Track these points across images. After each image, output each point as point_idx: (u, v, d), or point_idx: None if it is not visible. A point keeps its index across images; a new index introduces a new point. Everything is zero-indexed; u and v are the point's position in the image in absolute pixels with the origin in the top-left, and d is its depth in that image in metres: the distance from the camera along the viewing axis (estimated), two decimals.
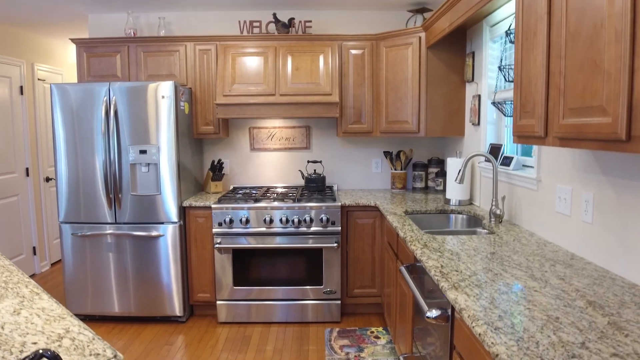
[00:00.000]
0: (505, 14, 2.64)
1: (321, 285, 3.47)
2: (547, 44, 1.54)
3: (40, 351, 0.92)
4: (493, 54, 2.95)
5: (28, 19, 4.09)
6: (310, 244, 3.41)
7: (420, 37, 3.38)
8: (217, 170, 3.90)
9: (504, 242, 2.17)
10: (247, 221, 3.39)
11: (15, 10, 3.81)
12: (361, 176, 4.15)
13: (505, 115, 2.74)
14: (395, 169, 3.97)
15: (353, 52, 3.65)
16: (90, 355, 1.11)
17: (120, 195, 3.40)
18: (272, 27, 3.88)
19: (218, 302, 3.50)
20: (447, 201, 3.25)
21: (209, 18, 3.98)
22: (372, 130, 3.73)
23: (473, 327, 1.29)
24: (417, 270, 2.16)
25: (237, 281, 3.47)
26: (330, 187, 4.06)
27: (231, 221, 3.39)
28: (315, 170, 4.08)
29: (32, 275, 4.71)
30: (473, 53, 3.18)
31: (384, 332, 3.34)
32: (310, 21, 3.81)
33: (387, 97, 3.61)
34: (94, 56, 3.68)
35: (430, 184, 4.00)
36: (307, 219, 3.38)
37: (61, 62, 5.26)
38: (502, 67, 2.56)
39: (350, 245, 3.53)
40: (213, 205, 3.41)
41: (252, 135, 4.08)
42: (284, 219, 3.38)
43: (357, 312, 3.69)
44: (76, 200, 3.42)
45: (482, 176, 3.07)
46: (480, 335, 1.23)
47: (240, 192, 3.83)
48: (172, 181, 3.37)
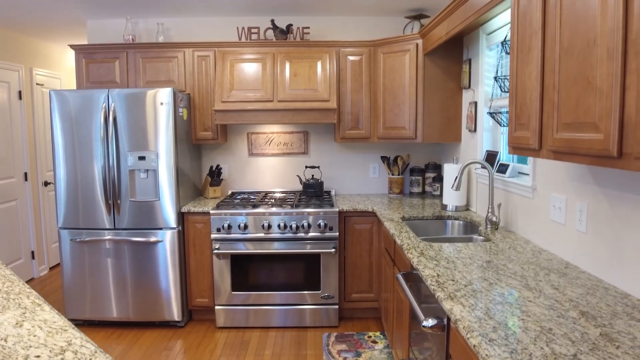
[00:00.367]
0: (501, 23, 2.67)
1: (319, 290, 3.49)
2: (542, 59, 1.57)
3: None
4: (489, 61, 2.98)
5: (26, 23, 4.10)
6: (308, 249, 3.43)
7: (417, 44, 3.41)
8: (216, 175, 3.92)
9: (500, 250, 2.19)
10: (246, 227, 3.41)
11: (13, 15, 3.83)
12: (359, 181, 4.18)
13: (501, 125, 2.77)
14: (392, 174, 3.99)
15: (351, 58, 3.68)
16: None
17: (119, 201, 3.41)
18: (270, 34, 3.91)
19: (216, 307, 3.52)
20: (444, 207, 3.27)
21: (207, 24, 4.00)
22: (369, 136, 3.75)
23: (468, 338, 1.31)
24: (413, 277, 2.19)
25: (235, 286, 3.48)
26: (328, 192, 4.08)
27: (230, 227, 3.41)
28: (313, 175, 4.11)
29: (31, 280, 4.72)
30: (470, 60, 3.21)
31: (382, 336, 3.36)
32: (308, 27, 3.84)
33: (385, 103, 3.64)
34: (92, 62, 3.70)
35: (428, 188, 4.03)
36: (305, 224, 3.40)
37: (59, 66, 5.28)
38: (497, 77, 2.59)
39: (348, 251, 3.55)
40: (211, 211, 3.43)
41: (251, 140, 4.10)
42: (282, 224, 3.40)
43: (354, 317, 3.72)
44: (75, 206, 3.44)
45: (479, 182, 3.10)
46: (475, 347, 1.26)
47: (239, 197, 3.86)
48: (171, 187, 3.39)
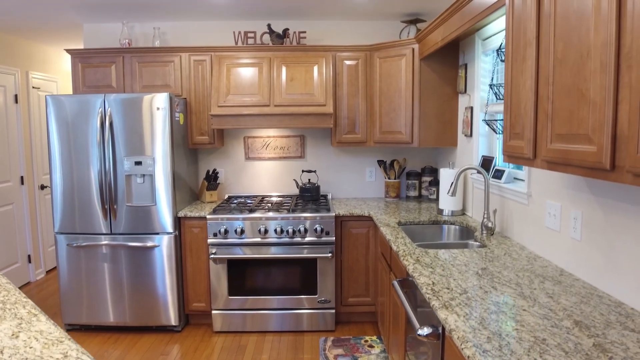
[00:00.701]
0: (497, 29, 2.68)
1: (316, 294, 3.49)
2: (536, 69, 1.58)
3: None
4: (485, 66, 2.99)
5: (22, 27, 4.09)
6: (305, 254, 3.43)
7: (413, 49, 3.42)
8: (212, 179, 3.92)
9: (495, 257, 2.20)
10: (242, 231, 3.41)
11: (9, 18, 3.82)
12: (355, 185, 4.18)
13: (496, 132, 2.78)
14: (389, 178, 4.00)
15: (347, 62, 3.68)
16: None
17: (115, 206, 3.41)
18: (266, 38, 3.91)
19: (213, 312, 3.52)
20: (440, 211, 3.28)
21: (204, 28, 4.00)
22: (366, 140, 3.76)
23: (462, 348, 1.32)
24: (409, 284, 2.20)
25: (232, 291, 3.49)
26: (325, 196, 4.09)
27: (226, 232, 3.41)
28: (309, 179, 4.11)
29: (27, 284, 4.71)
30: (465, 65, 3.22)
31: (378, 341, 3.37)
32: (305, 32, 3.84)
33: (381, 107, 3.65)
34: (89, 67, 3.69)
35: (424, 192, 4.04)
36: (302, 229, 3.41)
37: (56, 69, 5.27)
38: (492, 85, 2.60)
39: (344, 255, 3.56)
40: (208, 216, 3.43)
41: (247, 144, 4.10)
42: (278, 229, 3.40)
43: (351, 321, 3.72)
44: (71, 211, 3.43)
45: (475, 187, 3.11)
46: (469, 358, 1.27)
47: (235, 201, 3.86)
48: (167, 192, 3.39)
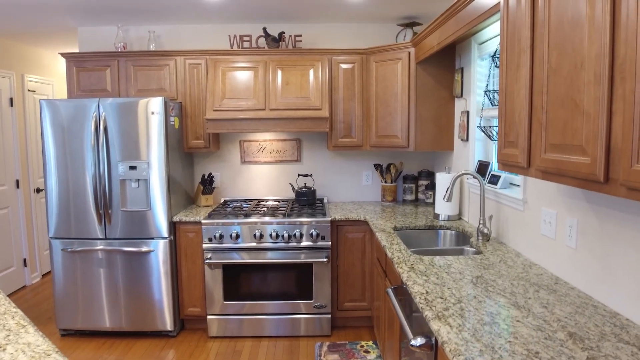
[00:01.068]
0: (492, 34, 2.67)
1: (311, 299, 3.47)
2: (530, 78, 1.56)
3: None
4: (481, 71, 2.98)
5: (17, 30, 4.07)
6: (301, 259, 3.42)
7: (409, 53, 3.40)
8: (208, 183, 3.90)
9: (490, 264, 2.19)
10: (238, 236, 3.39)
11: (3, 22, 3.79)
12: (352, 189, 4.16)
13: (491, 139, 2.76)
14: (385, 182, 3.99)
15: (343, 66, 3.67)
16: None
17: (110, 211, 3.39)
18: (262, 42, 3.89)
19: (209, 317, 3.50)
20: (436, 216, 3.27)
21: (199, 32, 3.98)
22: (362, 144, 3.74)
23: None
24: (404, 292, 2.18)
25: (227, 296, 3.47)
26: (321, 200, 4.07)
27: (221, 236, 3.39)
28: (305, 183, 4.09)
29: (23, 287, 4.69)
30: (462, 69, 3.21)
31: (374, 346, 3.36)
32: (301, 35, 3.82)
33: (377, 111, 3.63)
34: (83, 70, 3.67)
35: (421, 196, 4.02)
36: (297, 234, 3.39)
37: (52, 72, 5.24)
38: (487, 91, 2.59)
39: (340, 260, 3.54)
40: (203, 221, 3.41)
41: (243, 148, 4.08)
42: (274, 234, 3.39)
43: (347, 326, 3.71)
44: (66, 216, 3.41)
45: (471, 192, 3.09)
46: None
47: (231, 205, 3.84)
48: (162, 196, 3.37)
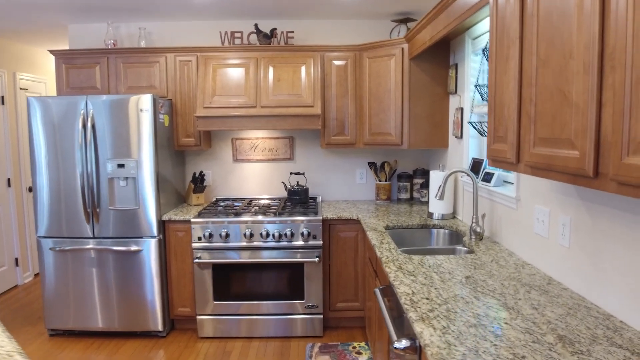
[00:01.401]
0: (486, 28, 2.60)
1: (303, 299, 3.41)
2: (519, 70, 1.50)
3: None
4: (475, 66, 2.91)
5: (6, 28, 4.01)
6: (292, 258, 3.35)
7: (403, 49, 3.34)
8: (199, 182, 3.84)
9: (481, 264, 2.12)
10: (227, 235, 3.33)
11: None
12: (345, 187, 4.10)
13: (483, 136, 2.70)
14: (379, 180, 3.92)
15: (336, 63, 3.60)
16: None
17: (98, 210, 3.33)
18: (253, 38, 3.83)
19: (198, 317, 3.44)
20: (430, 215, 3.21)
21: (190, 28, 3.92)
22: (355, 142, 3.68)
23: None
24: (392, 292, 2.12)
25: (217, 296, 3.41)
26: (314, 199, 4.00)
27: (211, 235, 3.33)
28: (298, 182, 4.03)
29: (15, 287, 4.63)
30: (456, 65, 3.14)
31: (366, 347, 3.29)
32: (293, 31, 3.76)
33: (370, 108, 3.57)
34: (73, 67, 3.61)
35: (415, 195, 3.96)
36: (288, 233, 3.33)
37: (44, 70, 5.19)
38: (478, 85, 2.52)
39: (332, 259, 3.48)
40: (192, 220, 3.35)
41: (235, 146, 4.02)
42: (264, 233, 3.32)
43: (340, 326, 3.64)
44: (54, 215, 3.36)
45: (465, 190, 3.03)
46: None
47: (222, 204, 3.78)
48: (151, 195, 3.31)
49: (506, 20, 1.60)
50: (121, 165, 3.28)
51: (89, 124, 3.25)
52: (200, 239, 3.34)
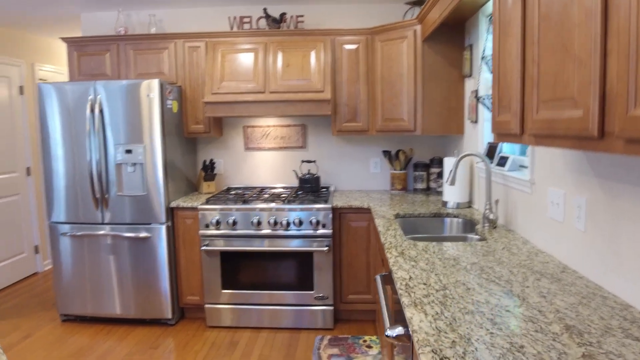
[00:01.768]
0: None
1: (312, 290, 3.31)
2: (522, 30, 1.35)
3: None
4: (490, 46, 2.74)
5: (22, 19, 4.06)
6: (300, 247, 3.26)
7: (415, 30, 3.19)
8: (209, 170, 3.79)
9: (491, 251, 1.97)
10: (235, 223, 3.27)
11: (10, 12, 3.78)
12: (359, 176, 3.97)
13: (489, 110, 2.53)
14: (394, 169, 3.78)
15: (347, 47, 3.48)
16: None
17: (106, 196, 3.32)
18: (262, 23, 3.75)
19: (206, 306, 3.39)
20: (445, 204, 3.05)
21: (200, 15, 3.87)
22: (367, 128, 3.55)
23: (419, 353, 1.12)
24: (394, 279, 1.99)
25: (225, 284, 3.35)
26: (327, 188, 3.89)
27: (218, 223, 3.27)
28: (309, 170, 3.93)
29: (34, 274, 4.71)
30: (471, 46, 2.97)
31: (377, 340, 3.17)
32: (303, 16, 3.66)
33: (383, 94, 3.43)
34: (84, 55, 3.62)
35: (432, 184, 3.80)
36: (297, 221, 3.23)
37: (62, 62, 5.25)
38: (484, 56, 2.36)
39: (343, 249, 3.36)
40: (200, 207, 3.30)
41: (247, 134, 3.95)
42: (272, 221, 3.24)
43: (351, 319, 3.53)
44: (63, 201, 3.36)
45: (480, 177, 2.86)
46: None
47: (233, 192, 3.71)
48: (159, 181, 3.27)
49: None
50: (129, 151, 3.25)
51: (97, 110, 3.24)
52: (207, 226, 3.29)
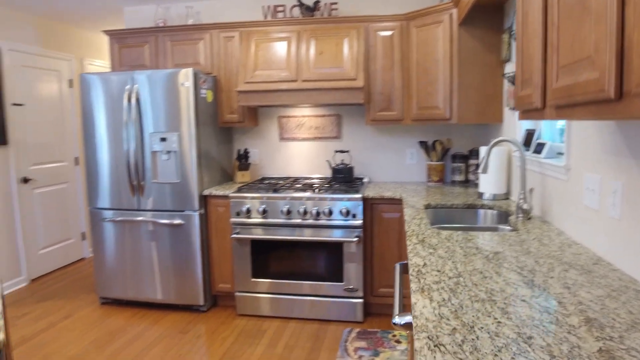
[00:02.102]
0: None
1: (342, 282, 3.25)
2: None
3: None
4: None
5: (69, 14, 4.25)
6: (330, 237, 3.21)
7: (451, 14, 3.04)
8: (243, 159, 3.81)
9: (520, 241, 1.84)
10: (265, 212, 3.26)
11: (52, 6, 3.96)
12: (395, 168, 3.86)
13: (513, 84, 2.36)
14: (430, 160, 3.64)
15: (381, 34, 3.38)
16: None
17: (142, 183, 3.41)
18: (296, 11, 3.72)
19: (237, 294, 3.41)
20: (480, 195, 2.90)
21: (236, 5, 3.89)
22: (402, 117, 3.44)
23: (415, 339, 1.04)
24: None
25: (255, 273, 3.35)
26: (361, 179, 3.81)
27: (249, 211, 3.28)
28: (342, 160, 3.86)
29: (81, 260, 4.94)
30: (510, 28, 2.80)
31: (407, 336, 3.06)
32: (337, 3, 3.59)
33: (418, 81, 3.31)
34: (124, 47, 3.74)
35: (471, 177, 3.62)
36: (327, 210, 3.18)
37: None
38: (512, 31, 2.20)
39: (375, 241, 3.28)
40: (231, 194, 3.32)
41: (281, 124, 3.95)
42: (302, 210, 3.21)
43: (382, 313, 3.44)
44: (105, 187, 3.49)
45: (516, 166, 2.69)
46: (416, 352, 0.98)
47: (266, 182, 3.72)
48: (193, 169, 3.33)
49: None
50: (163, 139, 3.33)
51: (134, 99, 3.34)
52: (238, 214, 3.31)
